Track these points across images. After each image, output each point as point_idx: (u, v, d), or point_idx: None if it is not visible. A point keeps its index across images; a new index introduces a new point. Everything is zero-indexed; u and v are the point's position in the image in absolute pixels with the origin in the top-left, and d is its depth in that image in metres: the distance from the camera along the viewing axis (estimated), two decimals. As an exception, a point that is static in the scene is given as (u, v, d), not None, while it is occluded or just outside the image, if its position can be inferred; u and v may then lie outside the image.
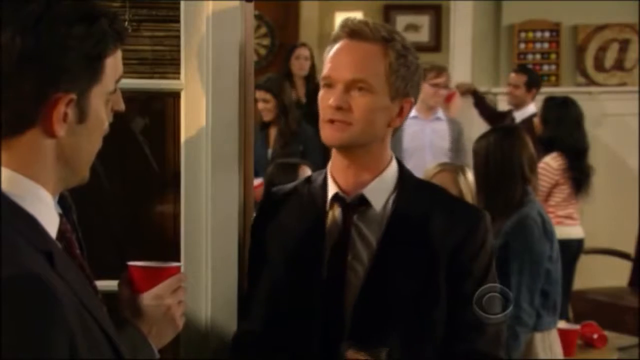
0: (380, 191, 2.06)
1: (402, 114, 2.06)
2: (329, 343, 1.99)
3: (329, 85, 2.02)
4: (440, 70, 6.10)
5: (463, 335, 2.03)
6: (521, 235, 3.65)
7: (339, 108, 1.98)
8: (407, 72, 2.03)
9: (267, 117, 5.65)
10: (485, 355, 2.04)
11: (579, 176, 5.63)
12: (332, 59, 2.03)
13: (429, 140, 6.05)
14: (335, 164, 2.09)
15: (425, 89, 6.00)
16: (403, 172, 2.11)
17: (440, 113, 6.13)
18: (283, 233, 2.09)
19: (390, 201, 2.06)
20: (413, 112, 5.97)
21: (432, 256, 2.01)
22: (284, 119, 5.60)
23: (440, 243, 2.01)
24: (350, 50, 2.01)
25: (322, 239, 2.05)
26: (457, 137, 6.10)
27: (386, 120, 2.03)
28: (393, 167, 2.09)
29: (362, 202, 2.05)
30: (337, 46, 2.03)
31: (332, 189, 2.07)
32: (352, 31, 2.02)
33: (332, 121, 1.99)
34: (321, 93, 2.04)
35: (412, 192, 2.08)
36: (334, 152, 2.09)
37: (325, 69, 2.04)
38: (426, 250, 2.01)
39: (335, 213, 2.06)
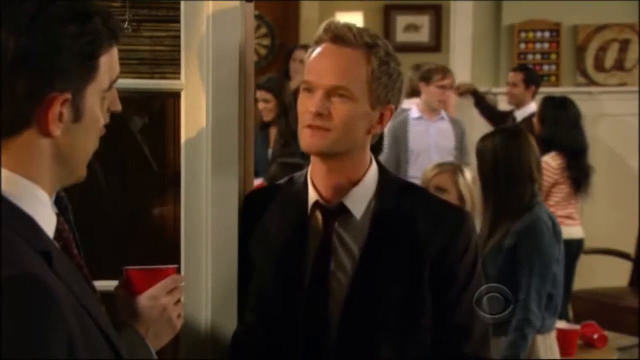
0: (360, 198, 2.03)
1: (382, 121, 2.02)
2: (314, 352, 1.98)
3: (309, 90, 1.98)
4: (446, 71, 6.08)
5: (450, 339, 2.01)
6: (532, 237, 3.64)
7: (318, 114, 1.95)
8: (388, 80, 1.99)
9: (268, 117, 5.65)
10: (474, 358, 2.03)
11: (578, 175, 5.63)
12: (313, 64, 1.99)
13: (435, 140, 6.05)
14: (315, 169, 2.06)
15: (432, 90, 5.99)
16: (383, 175, 2.08)
17: (444, 113, 6.12)
18: (266, 236, 2.08)
19: (372, 207, 2.03)
20: (417, 113, 6.06)
21: (416, 261, 1.98)
22: (285, 119, 5.60)
23: (424, 247, 1.98)
24: (332, 55, 1.97)
25: (305, 246, 2.03)
26: (461, 137, 6.11)
27: (366, 127, 2.00)
28: (373, 171, 2.06)
29: (343, 210, 2.03)
30: (318, 50, 2.00)
31: (312, 195, 2.05)
32: (335, 35, 1.98)
33: (311, 127, 1.96)
34: (300, 97, 2.01)
35: (393, 196, 2.04)
36: (313, 158, 2.05)
37: (307, 73, 2.00)
38: (410, 255, 1.99)
39: (316, 219, 2.04)
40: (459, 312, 2.00)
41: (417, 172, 5.60)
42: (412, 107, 6.16)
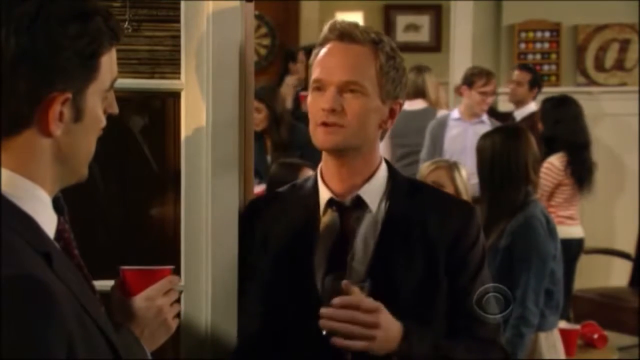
0: (374, 193, 2.07)
1: (392, 115, 2.06)
2: (329, 346, 1.98)
3: (320, 89, 2.01)
4: (490, 77, 5.98)
5: (466, 325, 2.05)
6: (527, 235, 3.65)
7: (332, 110, 1.97)
8: (396, 74, 2.03)
9: (259, 126, 5.48)
10: (488, 341, 2.06)
11: (581, 172, 5.60)
12: (322, 62, 2.02)
13: (471, 142, 5.95)
14: (327, 167, 2.09)
15: (473, 96, 5.92)
16: (393, 172, 2.12)
17: (485, 117, 6.05)
18: (276, 240, 2.08)
19: (384, 202, 2.07)
20: (457, 115, 5.99)
21: (430, 252, 2.03)
22: (276, 129, 5.55)
23: (437, 239, 2.03)
24: (341, 52, 2.01)
25: (317, 243, 2.04)
26: None
27: (377, 122, 2.04)
28: (383, 168, 2.10)
29: (358, 205, 2.06)
30: (326, 49, 2.03)
31: (325, 194, 2.07)
32: (342, 33, 2.01)
33: (325, 124, 1.99)
34: (311, 97, 2.03)
35: (404, 192, 2.09)
36: (324, 156, 2.08)
37: (316, 72, 2.02)
38: (424, 246, 2.03)
39: (329, 217, 2.07)
40: (471, 299, 2.05)
41: None
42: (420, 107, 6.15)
